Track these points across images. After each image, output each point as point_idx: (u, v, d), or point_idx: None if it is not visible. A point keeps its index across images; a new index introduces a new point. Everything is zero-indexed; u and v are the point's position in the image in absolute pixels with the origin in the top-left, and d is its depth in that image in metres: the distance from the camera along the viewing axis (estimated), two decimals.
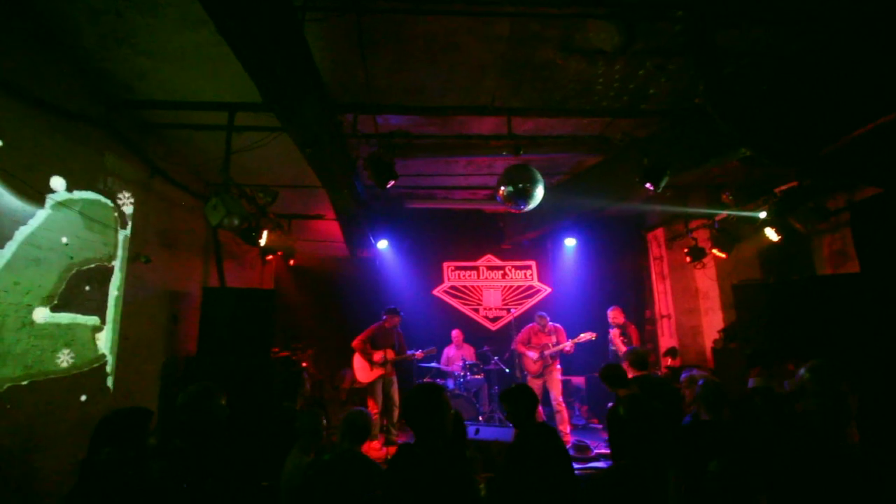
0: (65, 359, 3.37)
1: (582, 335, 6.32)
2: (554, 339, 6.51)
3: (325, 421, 3.16)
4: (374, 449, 5.45)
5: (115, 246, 3.93)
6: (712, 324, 7.07)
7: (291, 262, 6.11)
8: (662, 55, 3.48)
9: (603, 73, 3.76)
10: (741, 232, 6.20)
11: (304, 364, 5.35)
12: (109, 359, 3.84)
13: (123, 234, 4.04)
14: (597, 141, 4.41)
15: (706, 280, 7.16)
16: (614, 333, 6.32)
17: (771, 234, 4.74)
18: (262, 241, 4.71)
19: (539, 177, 3.95)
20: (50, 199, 3.23)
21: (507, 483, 2.67)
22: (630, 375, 4.45)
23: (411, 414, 2.11)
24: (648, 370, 3.97)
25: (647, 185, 4.11)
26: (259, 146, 4.13)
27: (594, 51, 3.45)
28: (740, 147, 3.56)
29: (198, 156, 4.81)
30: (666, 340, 7.44)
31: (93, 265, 3.67)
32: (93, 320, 3.67)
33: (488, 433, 4.82)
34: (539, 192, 3.97)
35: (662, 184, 4.07)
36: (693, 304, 7.35)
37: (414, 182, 6.19)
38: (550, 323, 6.61)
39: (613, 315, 6.43)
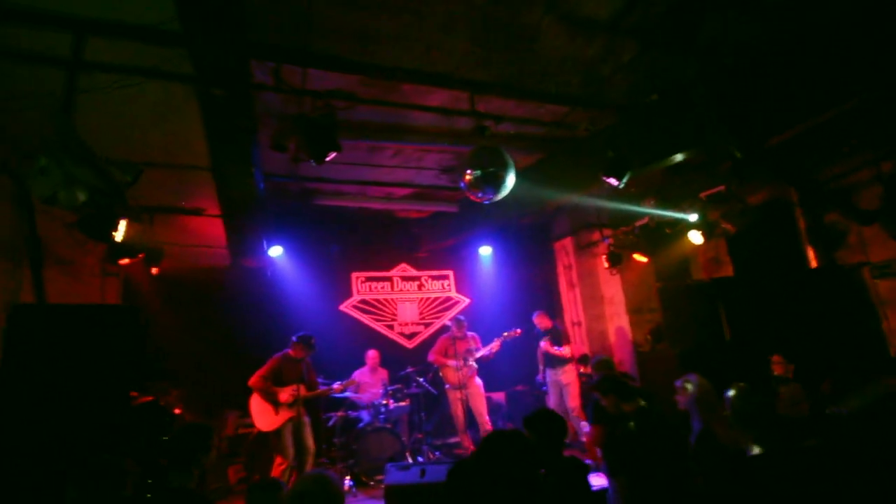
0: None
1: (505, 333, 5.91)
2: (472, 345, 6.03)
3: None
4: None
5: None
6: (618, 329, 7.34)
7: (154, 270, 4.44)
8: (644, 37, 3.26)
9: (577, 53, 3.42)
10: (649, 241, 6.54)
11: (176, 411, 3.81)
12: None
13: None
14: (560, 128, 4.06)
15: (611, 287, 7.44)
16: (545, 344, 5.96)
17: (696, 236, 4.93)
18: (119, 236, 3.21)
19: (511, 161, 3.39)
20: None
21: None
22: None
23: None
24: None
25: (611, 179, 3.87)
26: (117, 88, 2.79)
27: (583, 20, 3.07)
28: (710, 139, 3.50)
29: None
30: (577, 347, 7.48)
31: None
32: None
33: (436, 474, 3.94)
34: (511, 180, 3.40)
35: (625, 179, 3.87)
36: (600, 311, 7.55)
37: (320, 172, 5.07)
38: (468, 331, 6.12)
39: (539, 320, 6.10)
